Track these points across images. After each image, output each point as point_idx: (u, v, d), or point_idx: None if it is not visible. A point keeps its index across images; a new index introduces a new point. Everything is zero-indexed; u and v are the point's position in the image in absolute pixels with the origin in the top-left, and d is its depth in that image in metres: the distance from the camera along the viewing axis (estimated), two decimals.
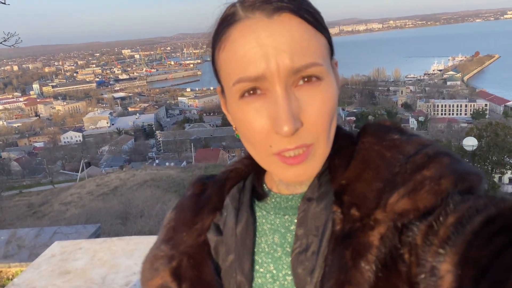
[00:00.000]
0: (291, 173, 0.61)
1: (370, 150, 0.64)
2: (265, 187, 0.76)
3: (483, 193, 0.57)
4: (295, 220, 0.68)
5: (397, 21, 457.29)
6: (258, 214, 0.73)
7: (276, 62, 0.56)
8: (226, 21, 0.61)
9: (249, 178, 0.77)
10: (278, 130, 0.56)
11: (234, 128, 0.67)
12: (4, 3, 6.71)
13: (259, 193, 0.75)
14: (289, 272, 0.65)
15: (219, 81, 0.66)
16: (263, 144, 0.60)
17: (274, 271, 0.67)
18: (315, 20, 0.60)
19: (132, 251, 3.73)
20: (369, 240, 0.57)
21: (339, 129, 0.70)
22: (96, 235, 5.03)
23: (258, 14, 0.58)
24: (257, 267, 0.69)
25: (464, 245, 0.46)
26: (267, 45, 0.56)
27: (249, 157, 0.78)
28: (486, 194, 0.55)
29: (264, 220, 0.72)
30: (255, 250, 0.70)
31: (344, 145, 0.68)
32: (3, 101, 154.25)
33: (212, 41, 0.64)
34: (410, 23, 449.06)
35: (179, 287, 0.71)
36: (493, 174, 26.79)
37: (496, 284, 0.41)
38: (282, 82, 0.57)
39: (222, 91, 0.67)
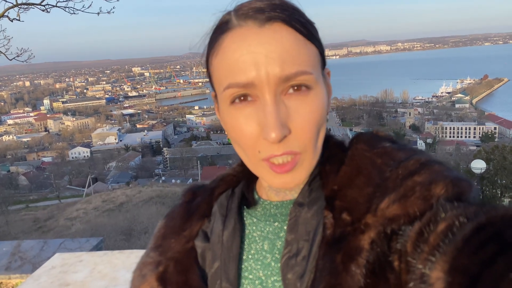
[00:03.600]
0: (279, 181, 0.62)
1: (362, 157, 0.65)
2: (255, 194, 0.76)
3: (473, 200, 0.57)
4: (285, 227, 0.68)
5: (405, 43, 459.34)
6: (248, 221, 0.73)
7: (266, 70, 0.58)
8: (220, 29, 0.63)
9: (240, 185, 0.77)
10: (266, 136, 0.58)
11: (227, 133, 0.68)
12: (19, 20, 6.87)
13: (248, 201, 0.75)
14: (278, 278, 0.65)
15: (212, 86, 0.68)
16: (252, 149, 0.62)
17: (263, 277, 0.67)
18: (306, 30, 0.62)
19: (133, 265, 3.69)
20: (359, 244, 0.57)
21: (330, 138, 0.71)
22: (98, 248, 5.03)
23: (251, 23, 0.60)
24: (246, 273, 0.69)
25: (455, 252, 0.46)
26: (257, 53, 0.58)
27: (241, 165, 0.79)
28: (476, 202, 0.55)
29: (254, 227, 0.72)
30: (244, 257, 0.70)
31: (335, 152, 0.69)
32: (14, 115, 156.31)
33: (207, 48, 0.66)
34: (419, 45, 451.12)
35: None
36: (502, 198, 26.44)
37: None
38: (271, 90, 0.58)
39: (215, 97, 0.69)
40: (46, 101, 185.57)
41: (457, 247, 0.46)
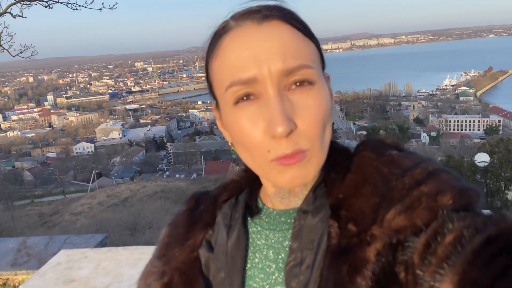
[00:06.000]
0: (287, 175, 0.60)
1: (368, 165, 0.64)
2: (260, 202, 0.75)
3: (480, 210, 0.57)
4: (289, 236, 0.67)
5: (408, 36, 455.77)
6: (252, 229, 0.73)
7: (268, 65, 0.57)
8: (219, 33, 0.63)
9: (243, 193, 0.76)
10: (273, 131, 0.56)
11: (230, 144, 0.67)
12: (21, 16, 6.88)
13: (252, 209, 0.74)
14: (282, 287, 0.65)
15: (213, 95, 0.67)
16: (260, 149, 0.60)
17: (267, 286, 0.67)
18: (303, 27, 0.63)
19: (137, 261, 3.75)
20: (366, 256, 0.56)
21: (334, 144, 0.70)
22: (103, 244, 5.07)
23: (249, 22, 0.61)
24: (250, 282, 0.69)
25: (464, 265, 0.45)
26: (258, 48, 0.58)
27: (244, 170, 0.78)
28: (484, 212, 0.54)
29: (258, 236, 0.71)
30: (248, 265, 0.70)
31: (340, 159, 0.68)
32: (18, 111, 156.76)
33: (206, 55, 0.66)
34: (422, 38, 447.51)
35: None
36: (506, 191, 26.36)
37: None
38: (274, 85, 0.58)
39: (217, 106, 0.68)
40: (49, 97, 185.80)
41: (467, 260, 0.45)
